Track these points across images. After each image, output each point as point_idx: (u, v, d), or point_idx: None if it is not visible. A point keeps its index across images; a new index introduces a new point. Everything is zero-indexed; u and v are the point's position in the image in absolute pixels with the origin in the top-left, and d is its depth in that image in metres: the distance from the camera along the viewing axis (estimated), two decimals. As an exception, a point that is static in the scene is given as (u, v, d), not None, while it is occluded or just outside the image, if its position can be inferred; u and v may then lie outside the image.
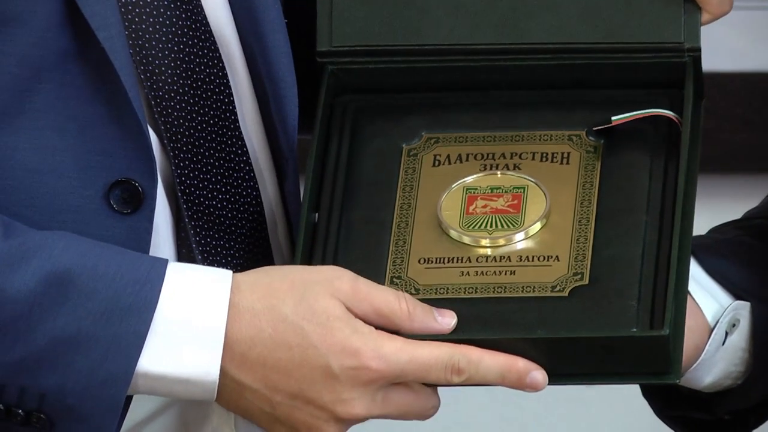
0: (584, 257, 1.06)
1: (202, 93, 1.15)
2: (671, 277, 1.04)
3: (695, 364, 1.17)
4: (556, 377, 1.03)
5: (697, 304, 1.18)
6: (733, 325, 1.21)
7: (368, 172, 1.14)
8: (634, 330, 1.03)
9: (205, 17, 1.17)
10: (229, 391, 1.06)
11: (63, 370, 1.05)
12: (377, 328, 1.03)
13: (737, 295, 1.23)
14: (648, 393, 1.20)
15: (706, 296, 1.21)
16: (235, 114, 1.17)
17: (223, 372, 1.04)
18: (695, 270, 1.17)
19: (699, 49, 1.16)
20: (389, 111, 1.17)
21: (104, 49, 1.09)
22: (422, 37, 1.16)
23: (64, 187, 1.10)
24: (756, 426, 1.25)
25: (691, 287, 1.13)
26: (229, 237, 1.14)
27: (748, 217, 1.33)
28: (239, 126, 1.17)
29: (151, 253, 1.11)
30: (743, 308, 1.22)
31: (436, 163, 1.12)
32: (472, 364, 1.02)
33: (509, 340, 1.02)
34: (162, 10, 1.14)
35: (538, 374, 1.03)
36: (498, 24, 1.17)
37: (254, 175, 1.17)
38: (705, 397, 1.21)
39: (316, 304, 1.03)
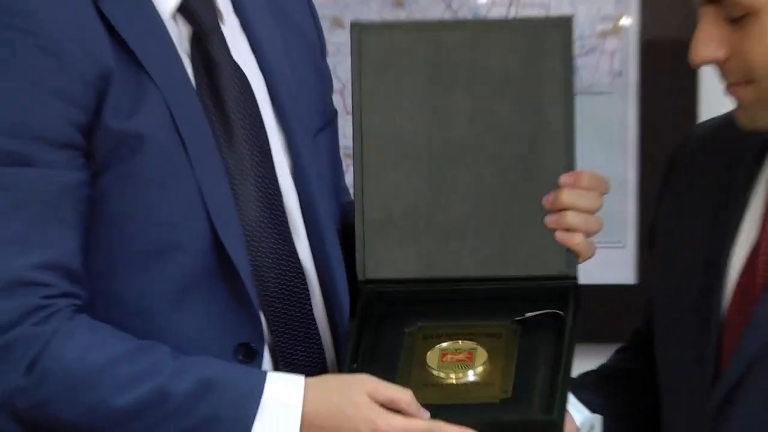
0: (509, 385, 1.35)
1: (291, 293, 1.41)
2: (558, 398, 1.32)
3: None
4: None
5: (571, 414, 1.39)
6: (592, 428, 1.41)
7: (385, 345, 1.41)
8: (536, 417, 1.31)
9: (294, 248, 1.43)
10: None
11: None
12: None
13: (594, 410, 1.43)
14: None
15: (576, 410, 1.41)
16: (311, 308, 1.44)
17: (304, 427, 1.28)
18: (571, 395, 1.38)
19: (576, 278, 1.41)
20: (401, 312, 1.44)
21: (236, 267, 1.34)
22: (434, 271, 1.42)
23: (203, 350, 1.34)
24: None
25: (568, 405, 1.36)
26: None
27: (604, 366, 1.56)
28: (314, 316, 1.44)
29: None
30: (597, 419, 1.43)
31: (426, 338, 1.41)
32: (442, 430, 1.28)
33: (464, 424, 1.28)
34: (267, 230, 1.39)
35: None
36: (453, 259, 1.43)
37: (322, 343, 1.44)
38: None
39: (352, 396, 1.29)
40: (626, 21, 2.16)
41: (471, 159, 1.39)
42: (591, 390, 1.47)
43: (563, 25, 1.39)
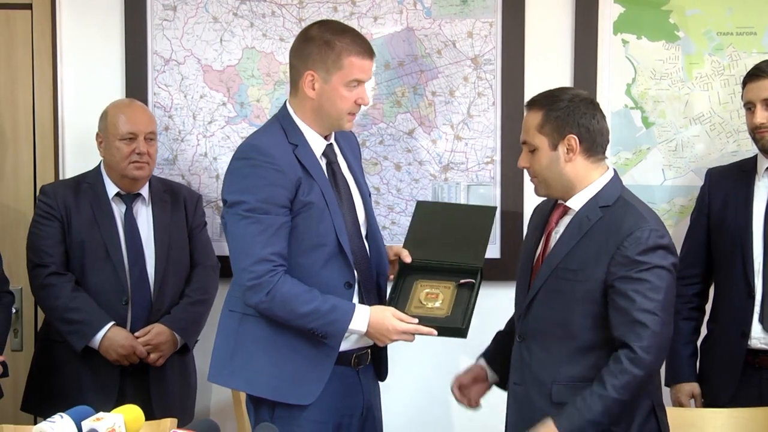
0: (450, 309, 2.74)
1: (364, 262, 2.95)
2: (467, 318, 2.71)
3: None
4: None
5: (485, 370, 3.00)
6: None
7: (404, 288, 2.87)
8: (458, 324, 2.74)
9: (364, 244, 3.02)
10: (370, 332, 2.78)
11: (332, 327, 2.74)
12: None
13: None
14: None
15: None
16: (373, 269, 3.02)
17: (368, 326, 2.72)
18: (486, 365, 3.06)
19: (482, 267, 2.94)
20: (412, 273, 2.89)
21: (346, 253, 2.80)
22: (430, 257, 2.91)
23: (333, 284, 2.83)
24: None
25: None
26: None
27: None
28: (373, 272, 3.04)
29: None
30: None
31: (421, 286, 2.90)
32: (418, 329, 2.78)
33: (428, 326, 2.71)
34: (356, 237, 2.96)
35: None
36: (437, 253, 2.94)
37: (374, 279, 3.01)
38: None
39: (386, 313, 2.71)
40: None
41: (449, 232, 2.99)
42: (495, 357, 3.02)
43: (492, 209, 3.02)
